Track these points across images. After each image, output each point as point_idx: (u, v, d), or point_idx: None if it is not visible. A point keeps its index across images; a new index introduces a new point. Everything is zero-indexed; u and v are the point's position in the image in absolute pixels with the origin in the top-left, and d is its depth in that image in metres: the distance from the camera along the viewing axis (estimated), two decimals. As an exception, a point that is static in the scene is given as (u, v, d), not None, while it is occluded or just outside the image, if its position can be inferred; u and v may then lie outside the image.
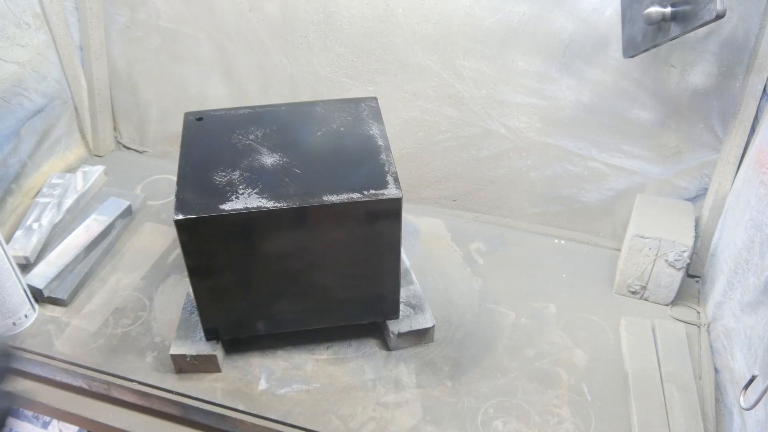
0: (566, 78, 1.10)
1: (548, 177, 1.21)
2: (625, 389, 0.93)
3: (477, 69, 1.14)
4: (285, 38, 1.23)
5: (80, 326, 1.04)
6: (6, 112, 1.21)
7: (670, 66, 1.03)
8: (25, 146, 1.27)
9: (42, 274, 1.08)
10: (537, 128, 1.16)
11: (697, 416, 0.88)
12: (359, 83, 1.23)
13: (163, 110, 1.42)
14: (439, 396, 0.92)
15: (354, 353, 0.99)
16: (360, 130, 0.94)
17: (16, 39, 1.21)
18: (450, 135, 1.23)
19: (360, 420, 0.89)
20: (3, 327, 1.00)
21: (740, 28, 0.96)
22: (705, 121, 1.05)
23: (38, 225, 1.18)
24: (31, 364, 0.98)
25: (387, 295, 0.95)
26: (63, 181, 1.30)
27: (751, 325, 0.85)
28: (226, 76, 1.32)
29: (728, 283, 0.96)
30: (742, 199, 0.96)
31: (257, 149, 0.90)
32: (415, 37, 1.14)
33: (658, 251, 1.02)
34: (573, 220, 1.24)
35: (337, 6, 1.16)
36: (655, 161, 1.13)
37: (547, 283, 1.12)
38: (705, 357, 0.98)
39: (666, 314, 1.06)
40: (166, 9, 1.29)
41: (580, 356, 0.98)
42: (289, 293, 0.92)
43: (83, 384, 0.96)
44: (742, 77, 0.98)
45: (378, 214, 0.84)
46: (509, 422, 0.89)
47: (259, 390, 0.93)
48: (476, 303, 1.08)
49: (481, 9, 1.09)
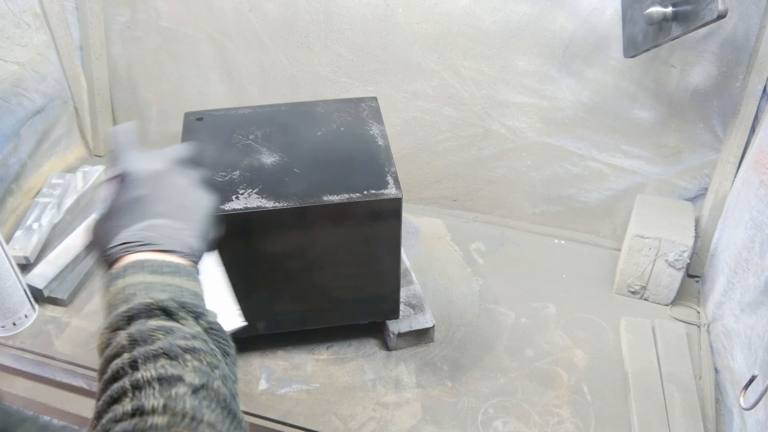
0: (566, 78, 1.10)
1: (548, 177, 1.21)
2: (625, 389, 0.93)
3: (477, 69, 1.14)
4: (285, 38, 1.23)
5: (80, 326, 1.04)
6: (6, 112, 1.21)
7: (670, 66, 1.03)
8: (25, 146, 1.27)
9: (42, 274, 1.08)
10: (537, 128, 1.17)
11: (697, 416, 0.88)
12: (359, 83, 1.23)
13: (163, 110, 1.42)
14: (439, 396, 0.92)
15: (354, 353, 0.99)
16: (360, 130, 0.94)
17: (16, 39, 1.21)
18: (450, 135, 1.23)
19: (360, 420, 0.89)
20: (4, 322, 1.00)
21: (740, 28, 0.96)
22: (705, 121, 1.05)
23: (38, 225, 1.18)
24: (31, 364, 0.98)
25: (387, 295, 0.95)
26: (63, 181, 1.30)
27: (751, 325, 0.85)
28: (226, 76, 1.32)
29: (728, 283, 0.96)
30: (742, 199, 0.96)
31: (257, 149, 0.90)
32: (415, 37, 1.15)
33: (658, 251, 1.02)
34: (573, 220, 1.24)
35: (337, 6, 1.16)
36: (655, 161, 1.13)
37: (547, 283, 1.12)
38: (705, 357, 0.98)
39: (666, 314, 1.06)
40: (166, 9, 1.29)
41: (580, 356, 0.98)
42: (289, 293, 0.92)
43: (83, 384, 0.96)
44: (742, 77, 0.98)
45: (378, 214, 0.84)
46: (509, 422, 0.89)
47: (259, 390, 0.93)
48: (476, 303, 1.08)
49: (481, 9, 1.09)
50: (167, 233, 0.55)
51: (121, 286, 0.50)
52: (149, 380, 0.43)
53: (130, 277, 0.50)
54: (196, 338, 0.47)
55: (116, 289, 0.50)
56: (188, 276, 0.53)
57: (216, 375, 0.46)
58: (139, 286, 0.49)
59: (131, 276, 0.50)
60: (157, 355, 0.45)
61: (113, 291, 0.50)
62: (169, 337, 0.46)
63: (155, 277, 0.50)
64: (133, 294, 0.49)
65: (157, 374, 0.44)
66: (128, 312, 0.48)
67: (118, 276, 0.51)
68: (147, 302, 0.48)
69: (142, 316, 0.47)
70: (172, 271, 0.52)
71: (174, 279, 0.51)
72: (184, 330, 0.47)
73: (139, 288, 0.49)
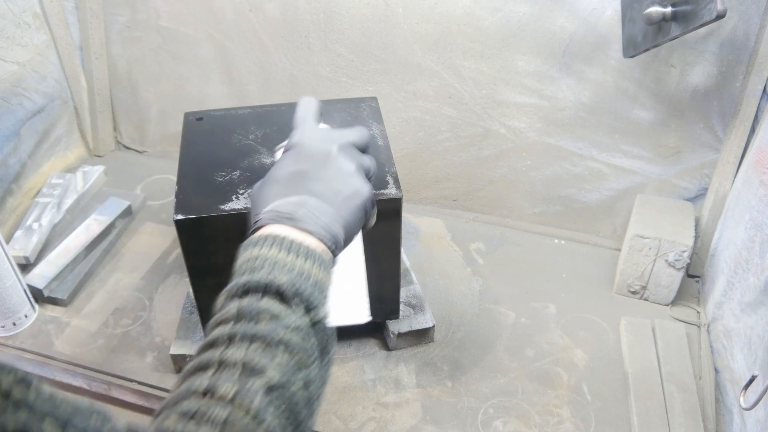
0: (566, 78, 1.10)
1: (548, 177, 1.21)
2: (625, 389, 0.93)
3: (477, 69, 1.14)
4: (285, 38, 1.23)
5: (80, 326, 1.04)
6: (6, 112, 1.21)
7: (670, 66, 1.03)
8: (25, 146, 1.27)
9: (42, 274, 1.08)
10: (537, 128, 1.17)
11: (697, 416, 0.88)
12: (359, 83, 1.23)
13: (163, 110, 1.42)
14: (439, 396, 0.92)
15: (354, 353, 0.99)
16: (360, 130, 0.94)
17: (16, 39, 1.21)
18: (450, 135, 1.23)
19: (360, 420, 0.89)
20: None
21: (740, 28, 0.96)
22: (705, 121, 1.05)
23: (38, 225, 1.18)
24: (31, 364, 0.98)
25: (387, 295, 0.95)
26: (63, 181, 1.30)
27: (751, 325, 0.85)
28: (226, 76, 1.32)
29: (728, 283, 0.96)
30: (742, 199, 0.96)
31: (257, 149, 0.90)
32: (415, 37, 1.15)
33: (658, 251, 1.02)
34: (573, 220, 1.24)
35: (337, 6, 1.16)
36: (655, 161, 1.13)
37: (547, 283, 1.12)
38: (705, 357, 0.98)
39: (666, 314, 1.06)
40: (166, 9, 1.29)
41: (580, 356, 0.98)
42: (289, 293, 0.92)
43: (83, 384, 0.96)
44: (742, 77, 0.98)
45: (378, 214, 0.84)
46: (509, 422, 0.89)
47: (259, 390, 0.93)
48: (476, 303, 1.08)
49: (481, 9, 1.09)
50: (315, 214, 0.55)
51: (253, 254, 0.51)
52: (235, 361, 0.44)
53: (264, 248, 0.51)
54: (298, 331, 0.47)
55: (247, 255, 0.51)
56: (319, 263, 0.52)
57: (299, 376, 0.46)
58: (267, 261, 0.50)
59: (265, 248, 0.51)
60: (254, 338, 0.45)
61: (245, 257, 0.51)
62: (272, 322, 0.46)
63: (286, 256, 0.50)
64: (260, 267, 0.50)
65: (245, 358, 0.44)
66: (247, 284, 0.48)
67: (254, 243, 0.52)
68: (266, 280, 0.48)
69: (259, 292, 0.48)
70: (305, 254, 0.51)
71: (304, 263, 0.51)
72: (290, 319, 0.47)
73: (267, 262, 0.50)
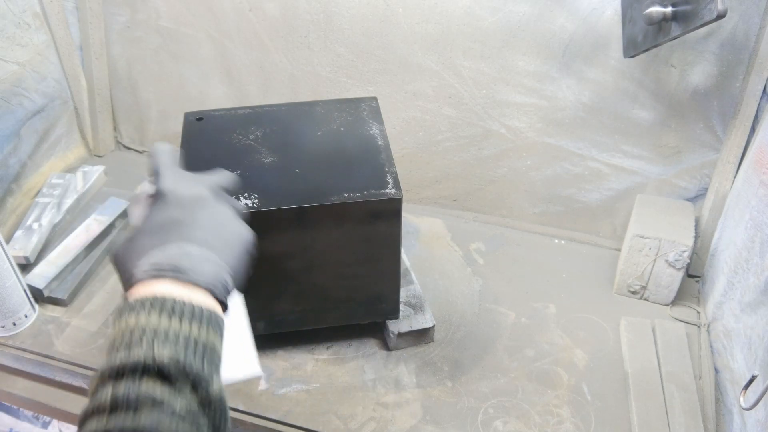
0: (566, 78, 1.10)
1: (548, 177, 1.21)
2: (625, 389, 0.93)
3: (477, 69, 1.14)
4: (285, 38, 1.23)
5: (80, 326, 1.04)
6: (6, 112, 1.21)
7: (670, 66, 1.03)
8: (25, 146, 1.27)
9: (42, 274, 1.08)
10: (537, 128, 1.17)
11: (697, 416, 0.88)
12: (359, 83, 1.23)
13: (163, 110, 1.42)
14: (439, 396, 0.92)
15: (354, 353, 0.99)
16: (360, 130, 0.94)
17: (16, 39, 1.21)
18: (450, 135, 1.23)
19: (360, 420, 0.89)
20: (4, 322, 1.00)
21: (740, 28, 0.96)
22: (705, 121, 1.05)
23: (38, 225, 1.18)
24: (31, 364, 0.98)
25: (387, 295, 0.95)
26: (63, 181, 1.30)
27: (751, 325, 0.85)
28: (226, 76, 1.32)
29: (728, 283, 0.96)
30: (742, 199, 0.96)
31: (257, 149, 0.90)
32: (415, 37, 1.15)
33: (658, 251, 1.02)
34: (573, 220, 1.24)
35: (337, 6, 1.16)
36: (655, 161, 1.13)
37: (547, 283, 1.12)
38: (705, 357, 0.98)
39: (666, 314, 1.06)
40: (166, 9, 1.29)
41: (580, 356, 0.98)
42: (289, 293, 0.92)
43: (83, 384, 0.96)
44: (742, 77, 0.98)
45: (378, 214, 0.84)
46: (509, 422, 0.89)
47: (259, 390, 0.93)
48: (476, 303, 1.08)
49: (481, 9, 1.09)
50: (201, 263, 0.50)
51: (129, 324, 0.46)
52: None
53: (142, 315, 0.46)
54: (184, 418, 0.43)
55: (124, 325, 0.46)
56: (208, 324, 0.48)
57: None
58: (146, 332, 0.45)
59: (143, 314, 0.46)
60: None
61: (121, 326, 0.46)
62: (155, 411, 0.42)
63: (169, 322, 0.46)
64: (138, 340, 0.45)
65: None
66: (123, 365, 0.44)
67: (132, 309, 0.47)
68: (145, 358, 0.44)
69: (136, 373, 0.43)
70: (191, 315, 0.47)
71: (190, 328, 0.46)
72: (176, 404, 0.43)
73: (146, 334, 0.45)
